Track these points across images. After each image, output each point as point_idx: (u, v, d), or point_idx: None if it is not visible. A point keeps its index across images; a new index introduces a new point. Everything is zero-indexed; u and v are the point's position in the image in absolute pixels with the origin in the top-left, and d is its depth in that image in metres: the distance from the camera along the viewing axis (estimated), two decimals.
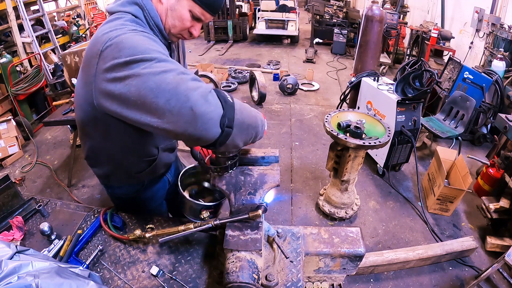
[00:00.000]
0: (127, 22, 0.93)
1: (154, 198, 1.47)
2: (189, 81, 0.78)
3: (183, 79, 0.78)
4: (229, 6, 8.09)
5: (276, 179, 1.06)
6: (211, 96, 0.79)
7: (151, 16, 1.00)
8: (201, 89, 0.78)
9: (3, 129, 3.66)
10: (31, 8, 5.10)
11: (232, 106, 0.81)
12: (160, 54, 0.82)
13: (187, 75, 0.80)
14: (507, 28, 4.00)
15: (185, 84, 0.77)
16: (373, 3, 3.53)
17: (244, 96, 5.39)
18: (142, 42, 0.84)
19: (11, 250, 0.80)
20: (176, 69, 0.79)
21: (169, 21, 1.03)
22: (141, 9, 0.99)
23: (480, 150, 3.83)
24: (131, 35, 0.85)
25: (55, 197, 3.08)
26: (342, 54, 7.58)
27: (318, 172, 3.50)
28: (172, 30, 1.06)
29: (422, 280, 2.33)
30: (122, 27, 0.88)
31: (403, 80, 2.87)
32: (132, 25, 0.92)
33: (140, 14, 0.99)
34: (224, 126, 0.80)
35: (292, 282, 1.05)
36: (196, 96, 0.76)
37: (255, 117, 0.91)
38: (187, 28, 1.06)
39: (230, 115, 0.81)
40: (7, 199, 1.38)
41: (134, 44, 0.82)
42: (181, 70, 0.80)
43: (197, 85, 0.79)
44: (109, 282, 1.08)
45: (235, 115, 0.81)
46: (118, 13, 0.98)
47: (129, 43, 0.83)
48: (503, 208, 2.48)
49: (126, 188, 1.36)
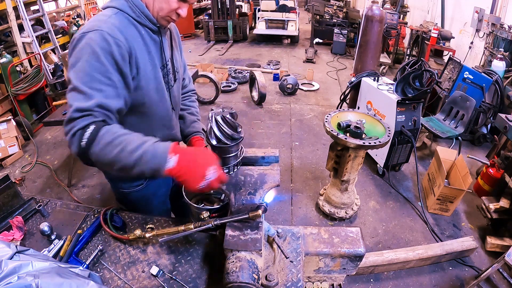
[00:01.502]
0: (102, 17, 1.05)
1: (157, 195, 1.49)
2: (72, 120, 0.98)
3: (72, 117, 0.97)
4: (229, 6, 8.09)
5: (276, 179, 1.06)
6: (74, 140, 0.97)
7: (136, 5, 1.08)
8: (73, 129, 0.97)
9: (3, 129, 3.66)
10: (31, 8, 5.10)
11: (86, 149, 0.97)
12: (79, 81, 0.98)
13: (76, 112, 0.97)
14: (507, 28, 4.00)
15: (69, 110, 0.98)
16: (373, 3, 3.53)
17: (244, 96, 5.39)
18: (83, 59, 0.98)
19: (11, 250, 0.80)
20: (74, 107, 0.97)
21: (156, 4, 1.08)
22: (126, 1, 1.08)
23: (480, 150, 3.83)
24: (84, 45, 0.99)
25: (55, 197, 3.08)
26: (342, 54, 7.58)
27: (318, 172, 3.50)
28: (160, 13, 1.10)
29: (422, 280, 2.33)
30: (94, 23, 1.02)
31: (403, 80, 2.87)
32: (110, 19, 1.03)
33: (125, 7, 1.08)
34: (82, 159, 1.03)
35: (292, 282, 1.05)
36: (68, 135, 0.99)
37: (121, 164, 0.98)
38: (174, 10, 1.10)
39: (83, 156, 1.00)
40: (7, 199, 1.38)
41: (76, 58, 0.99)
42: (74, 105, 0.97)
43: (72, 126, 0.98)
44: (109, 282, 1.08)
45: (90, 155, 0.98)
46: (107, 9, 1.09)
47: (78, 54, 1.00)
48: (503, 208, 2.48)
49: (128, 184, 1.39)
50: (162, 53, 1.20)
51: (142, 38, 1.11)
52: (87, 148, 0.96)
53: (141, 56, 1.10)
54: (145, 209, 1.46)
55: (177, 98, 1.40)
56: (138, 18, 1.09)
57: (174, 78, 1.32)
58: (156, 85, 1.19)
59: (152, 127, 1.28)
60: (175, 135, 1.44)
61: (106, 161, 0.98)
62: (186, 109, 1.55)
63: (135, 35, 1.09)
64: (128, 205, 1.48)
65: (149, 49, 1.14)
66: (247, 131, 4.25)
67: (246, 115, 4.74)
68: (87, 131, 0.96)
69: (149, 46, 1.14)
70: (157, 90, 1.21)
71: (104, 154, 0.96)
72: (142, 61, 1.11)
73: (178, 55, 1.38)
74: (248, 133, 4.15)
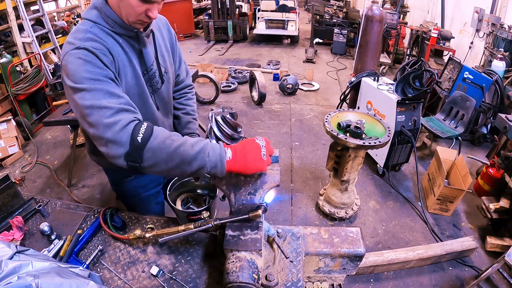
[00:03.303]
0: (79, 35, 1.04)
1: (148, 187, 1.52)
2: (106, 118, 0.94)
3: (102, 116, 0.94)
4: (229, 6, 8.09)
5: (276, 179, 1.06)
6: (122, 134, 0.93)
7: (107, 15, 1.08)
8: (115, 127, 0.93)
9: (3, 129, 3.66)
10: (31, 8, 5.09)
11: (141, 146, 0.92)
12: (90, 82, 0.96)
13: (107, 110, 0.94)
14: (507, 28, 3.99)
15: (102, 123, 0.93)
16: (373, 3, 3.53)
17: (244, 96, 5.39)
18: (79, 68, 0.98)
19: (11, 250, 0.80)
20: (98, 105, 0.94)
21: (123, 11, 1.07)
22: (99, 11, 1.09)
23: (480, 150, 3.83)
24: (72, 59, 0.99)
25: (55, 197, 3.08)
26: (342, 54, 7.57)
27: (318, 172, 3.50)
28: (129, 18, 1.08)
29: (422, 280, 2.33)
30: (74, 43, 1.02)
31: (403, 80, 2.87)
32: (83, 37, 1.03)
33: (99, 18, 1.09)
34: (127, 161, 0.95)
35: (292, 282, 1.05)
36: (109, 134, 0.93)
37: (183, 159, 0.94)
38: (143, 13, 1.08)
39: (137, 154, 0.93)
40: (7, 199, 1.38)
41: (73, 71, 0.98)
42: (103, 104, 0.95)
43: (112, 122, 0.93)
44: (109, 282, 1.08)
45: (144, 153, 0.93)
46: (83, 20, 1.10)
47: (71, 68, 0.98)
48: (503, 208, 2.48)
49: (119, 173, 1.45)
50: (142, 58, 1.20)
51: (121, 47, 1.12)
52: (143, 144, 0.92)
53: (122, 64, 1.12)
54: (138, 200, 1.51)
55: (167, 99, 1.40)
56: (113, 28, 1.10)
57: (162, 80, 1.31)
58: (138, 91, 1.20)
59: None
60: None
61: (163, 156, 0.94)
62: (181, 108, 1.54)
63: (114, 45, 1.10)
64: (122, 194, 1.56)
65: (129, 56, 1.15)
66: (247, 131, 4.25)
67: (246, 115, 4.74)
68: (142, 127, 0.94)
69: (128, 53, 1.14)
70: (139, 95, 1.22)
71: (163, 148, 0.94)
72: (123, 69, 1.13)
73: (167, 54, 1.36)
74: (248, 133, 4.15)
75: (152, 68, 1.25)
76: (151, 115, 1.31)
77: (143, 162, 0.95)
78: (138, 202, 1.54)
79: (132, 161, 0.95)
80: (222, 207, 2.88)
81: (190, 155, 0.93)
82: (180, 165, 0.94)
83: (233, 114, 1.06)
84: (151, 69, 1.25)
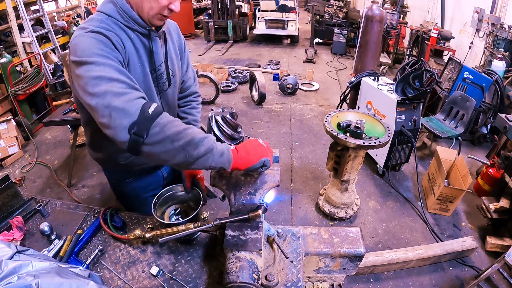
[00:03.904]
0: (93, 23, 1.04)
1: (147, 190, 1.51)
2: (117, 88, 0.91)
3: (112, 86, 0.91)
4: (229, 6, 8.09)
5: (276, 179, 1.06)
6: (132, 104, 0.89)
7: (123, 10, 1.09)
8: (125, 97, 0.90)
9: (3, 129, 3.66)
10: (31, 8, 5.10)
11: (150, 118, 0.88)
12: (101, 57, 0.95)
13: (117, 82, 0.92)
14: (507, 28, 3.99)
15: (111, 91, 0.90)
16: (373, 3, 3.53)
17: (244, 96, 5.39)
18: (90, 46, 0.97)
19: (11, 250, 0.80)
20: (108, 76, 0.92)
21: (145, 5, 1.07)
22: (114, 5, 1.09)
23: (480, 150, 3.83)
24: (84, 38, 0.99)
25: (55, 197, 3.08)
26: (342, 54, 7.57)
27: (318, 172, 3.50)
28: (150, 12, 1.08)
29: (422, 280, 2.33)
30: (88, 27, 1.02)
31: (403, 80, 2.87)
32: (97, 25, 1.03)
33: (114, 12, 1.09)
34: (131, 133, 0.87)
35: (292, 282, 1.05)
36: (117, 102, 0.88)
37: (191, 139, 0.91)
38: (165, 6, 1.08)
39: (144, 125, 0.87)
40: (7, 199, 1.38)
41: (84, 47, 0.97)
42: (114, 76, 0.93)
43: (123, 92, 0.91)
44: (109, 282, 1.08)
45: (151, 127, 0.87)
46: (98, 13, 1.11)
47: (81, 45, 0.97)
48: (503, 208, 2.48)
49: (118, 174, 1.45)
50: (152, 57, 1.20)
51: (132, 42, 1.13)
52: (153, 117, 0.89)
53: (131, 59, 1.12)
54: (137, 202, 1.50)
55: (172, 103, 1.39)
56: (127, 23, 1.10)
57: (169, 82, 1.30)
58: (145, 89, 1.19)
59: None
60: None
61: (171, 135, 0.90)
62: (183, 117, 1.52)
63: (126, 39, 1.11)
64: (121, 196, 1.56)
65: (139, 52, 1.15)
66: (247, 131, 4.25)
67: (246, 115, 4.74)
68: (152, 104, 0.91)
69: (139, 50, 1.15)
70: (146, 93, 1.19)
71: (173, 126, 0.91)
72: (132, 64, 1.13)
73: (176, 58, 1.36)
74: (248, 133, 4.15)
75: (160, 68, 1.25)
76: None
77: (148, 136, 0.88)
78: (138, 203, 1.53)
79: (136, 133, 0.87)
80: (222, 207, 2.90)
81: (198, 137, 0.91)
82: (187, 146, 0.90)
83: (233, 114, 1.06)
84: (159, 69, 1.25)
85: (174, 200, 1.28)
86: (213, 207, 2.96)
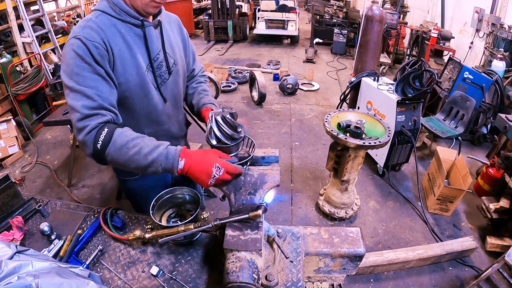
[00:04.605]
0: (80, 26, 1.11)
1: (155, 188, 1.48)
2: (78, 121, 1.04)
3: (75, 118, 1.05)
4: (229, 6, 8.09)
5: (276, 179, 1.06)
6: (87, 138, 1.04)
7: (114, 3, 1.13)
8: (83, 132, 1.04)
9: (3, 129, 3.66)
10: (31, 8, 5.09)
11: (100, 151, 1.04)
12: (74, 82, 1.05)
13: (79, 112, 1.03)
14: (507, 28, 3.99)
15: (75, 125, 1.06)
16: (373, 3, 3.53)
17: (244, 96, 5.39)
18: (70, 61, 1.06)
19: (11, 250, 0.80)
20: (73, 106, 1.04)
21: None
22: (107, 1, 1.14)
23: (480, 150, 3.83)
24: (68, 50, 1.07)
25: (55, 197, 3.08)
26: (342, 54, 7.58)
27: (318, 172, 3.50)
28: (143, 0, 1.12)
29: (422, 280, 2.33)
30: (74, 32, 1.09)
31: (403, 80, 2.87)
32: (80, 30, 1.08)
33: (106, 7, 1.14)
34: (95, 159, 1.09)
35: (292, 282, 1.05)
36: (79, 137, 1.06)
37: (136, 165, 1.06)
38: None
39: (99, 156, 1.06)
40: (7, 199, 1.38)
41: (66, 62, 1.07)
42: (77, 105, 1.04)
43: (82, 126, 1.04)
44: (109, 282, 1.08)
45: (105, 156, 1.05)
46: (94, 11, 1.16)
47: (65, 58, 1.08)
48: (503, 208, 2.48)
49: (126, 172, 1.45)
50: (147, 48, 1.21)
51: (122, 36, 1.14)
52: (103, 150, 1.04)
53: (119, 54, 1.13)
54: (145, 199, 1.48)
55: (176, 92, 1.39)
56: (119, 16, 1.14)
57: (169, 71, 1.31)
58: (140, 82, 1.20)
59: (138, 122, 1.29)
60: (168, 130, 1.42)
61: (121, 162, 1.06)
62: (191, 92, 1.53)
63: (115, 35, 1.13)
64: (128, 193, 1.57)
65: (131, 46, 1.16)
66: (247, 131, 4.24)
67: (246, 115, 4.74)
68: (102, 134, 1.03)
69: (130, 43, 1.16)
70: (141, 86, 1.21)
71: (120, 156, 1.05)
72: (121, 60, 1.14)
73: (177, 48, 1.36)
74: (248, 133, 4.14)
75: (158, 57, 1.25)
76: (154, 107, 1.29)
77: (107, 162, 1.08)
78: (145, 202, 1.52)
79: (98, 160, 1.08)
80: (222, 207, 2.90)
81: (143, 164, 1.04)
82: (136, 169, 1.07)
83: (233, 114, 1.05)
84: (157, 58, 1.24)
85: (173, 203, 1.28)
86: (213, 207, 2.96)
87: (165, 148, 1.05)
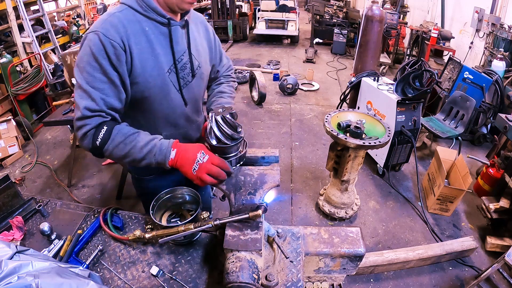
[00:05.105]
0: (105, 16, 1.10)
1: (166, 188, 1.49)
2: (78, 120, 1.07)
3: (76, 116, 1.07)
4: (229, 6, 8.09)
5: (276, 179, 1.06)
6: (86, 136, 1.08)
7: (143, 0, 1.10)
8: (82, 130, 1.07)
9: (3, 129, 3.66)
10: (31, 8, 5.10)
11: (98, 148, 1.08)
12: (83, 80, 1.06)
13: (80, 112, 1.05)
14: (507, 28, 3.99)
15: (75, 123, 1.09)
16: (373, 3, 3.53)
17: (244, 96, 5.39)
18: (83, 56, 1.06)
19: (11, 250, 0.80)
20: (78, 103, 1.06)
21: None
22: None
23: (480, 150, 3.83)
24: (84, 44, 1.07)
25: (55, 197, 3.08)
26: (342, 54, 7.58)
27: (318, 172, 3.50)
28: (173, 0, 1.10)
29: (422, 280, 2.33)
30: (95, 26, 1.07)
31: (403, 80, 2.87)
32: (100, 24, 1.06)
33: (133, 2, 1.11)
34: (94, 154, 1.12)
35: (292, 282, 1.05)
36: (78, 134, 1.10)
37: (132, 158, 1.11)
38: None
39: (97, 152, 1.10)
40: (7, 199, 1.38)
41: (81, 56, 1.07)
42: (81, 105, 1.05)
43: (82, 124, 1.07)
44: (109, 282, 1.08)
45: (103, 153, 1.10)
46: (119, 4, 1.14)
47: (81, 52, 1.07)
48: (503, 208, 2.48)
49: (142, 169, 1.45)
50: (172, 46, 1.16)
51: (145, 35, 1.10)
52: (101, 146, 1.08)
53: (140, 54, 1.09)
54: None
55: (197, 96, 1.35)
56: (145, 12, 1.10)
57: (193, 73, 1.26)
58: (160, 83, 1.16)
59: (156, 124, 1.27)
60: (186, 133, 1.38)
61: (118, 156, 1.11)
62: (209, 93, 1.51)
63: (137, 33, 1.09)
64: (142, 192, 1.58)
65: (153, 45, 1.12)
66: (247, 131, 4.25)
67: (246, 115, 4.74)
68: (101, 132, 1.06)
69: (153, 43, 1.12)
70: (161, 88, 1.17)
71: (118, 151, 1.09)
72: (140, 60, 1.10)
73: (203, 51, 1.32)
74: (248, 133, 4.15)
75: (182, 59, 1.21)
76: (174, 109, 1.26)
77: (104, 157, 1.13)
78: None
79: (97, 155, 1.12)
80: (222, 207, 2.90)
81: (139, 157, 1.09)
82: (132, 163, 1.12)
83: (233, 114, 1.05)
84: (181, 59, 1.20)
85: (173, 203, 1.28)
86: (213, 207, 2.96)
87: (159, 140, 1.10)
